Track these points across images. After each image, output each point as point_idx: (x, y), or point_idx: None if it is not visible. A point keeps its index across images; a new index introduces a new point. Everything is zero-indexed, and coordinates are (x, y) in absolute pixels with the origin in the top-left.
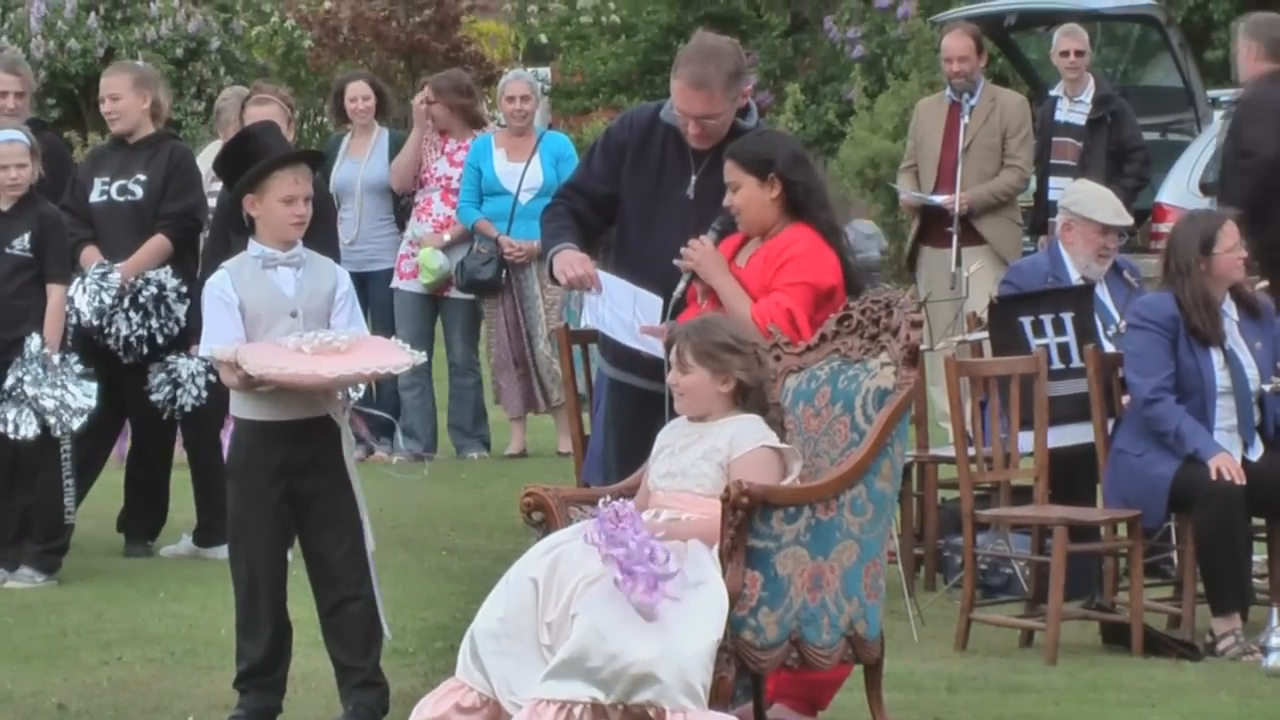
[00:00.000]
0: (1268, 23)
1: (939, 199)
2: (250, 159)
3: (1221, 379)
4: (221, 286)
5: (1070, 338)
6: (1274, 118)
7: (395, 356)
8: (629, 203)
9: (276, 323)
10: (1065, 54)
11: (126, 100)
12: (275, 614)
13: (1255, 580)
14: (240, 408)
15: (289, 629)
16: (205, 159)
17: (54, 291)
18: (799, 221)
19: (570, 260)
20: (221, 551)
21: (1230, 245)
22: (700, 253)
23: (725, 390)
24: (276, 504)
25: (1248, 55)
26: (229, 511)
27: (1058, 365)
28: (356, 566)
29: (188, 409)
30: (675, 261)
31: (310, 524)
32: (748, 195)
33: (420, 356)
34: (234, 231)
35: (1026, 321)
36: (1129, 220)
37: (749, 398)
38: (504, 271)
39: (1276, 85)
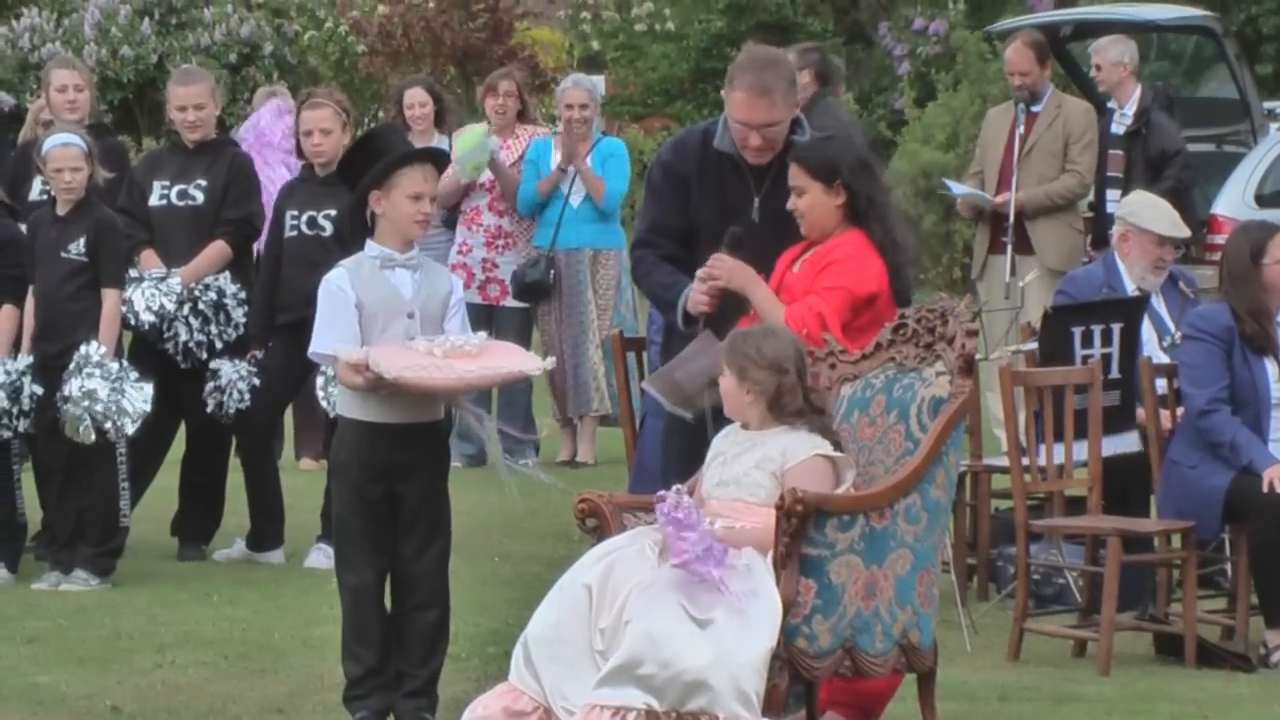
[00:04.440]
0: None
1: (991, 198)
2: (374, 158)
3: (1276, 390)
4: (339, 283)
5: (1114, 349)
6: None
7: (526, 360)
8: (699, 234)
9: (393, 323)
10: (1091, 69)
11: (209, 109)
12: (383, 615)
13: None
14: (347, 406)
15: (391, 626)
16: None
17: (108, 296)
18: (856, 228)
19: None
20: (274, 556)
21: (1279, 257)
22: (726, 268)
23: (748, 400)
24: (376, 504)
25: None
26: (334, 514)
27: None
28: (438, 576)
29: (231, 412)
30: (697, 287)
31: (401, 526)
32: (813, 200)
33: (550, 362)
34: (357, 230)
35: (1078, 332)
36: (1186, 232)
37: (784, 410)
38: (552, 273)
39: None
